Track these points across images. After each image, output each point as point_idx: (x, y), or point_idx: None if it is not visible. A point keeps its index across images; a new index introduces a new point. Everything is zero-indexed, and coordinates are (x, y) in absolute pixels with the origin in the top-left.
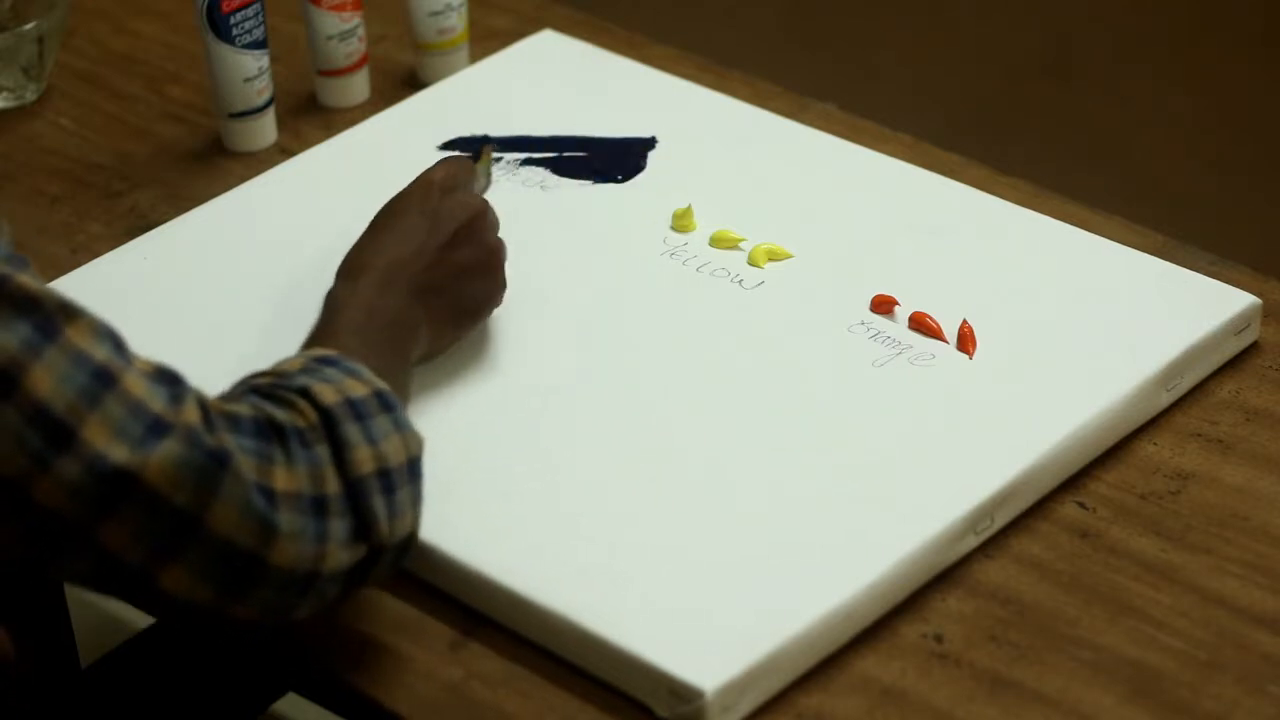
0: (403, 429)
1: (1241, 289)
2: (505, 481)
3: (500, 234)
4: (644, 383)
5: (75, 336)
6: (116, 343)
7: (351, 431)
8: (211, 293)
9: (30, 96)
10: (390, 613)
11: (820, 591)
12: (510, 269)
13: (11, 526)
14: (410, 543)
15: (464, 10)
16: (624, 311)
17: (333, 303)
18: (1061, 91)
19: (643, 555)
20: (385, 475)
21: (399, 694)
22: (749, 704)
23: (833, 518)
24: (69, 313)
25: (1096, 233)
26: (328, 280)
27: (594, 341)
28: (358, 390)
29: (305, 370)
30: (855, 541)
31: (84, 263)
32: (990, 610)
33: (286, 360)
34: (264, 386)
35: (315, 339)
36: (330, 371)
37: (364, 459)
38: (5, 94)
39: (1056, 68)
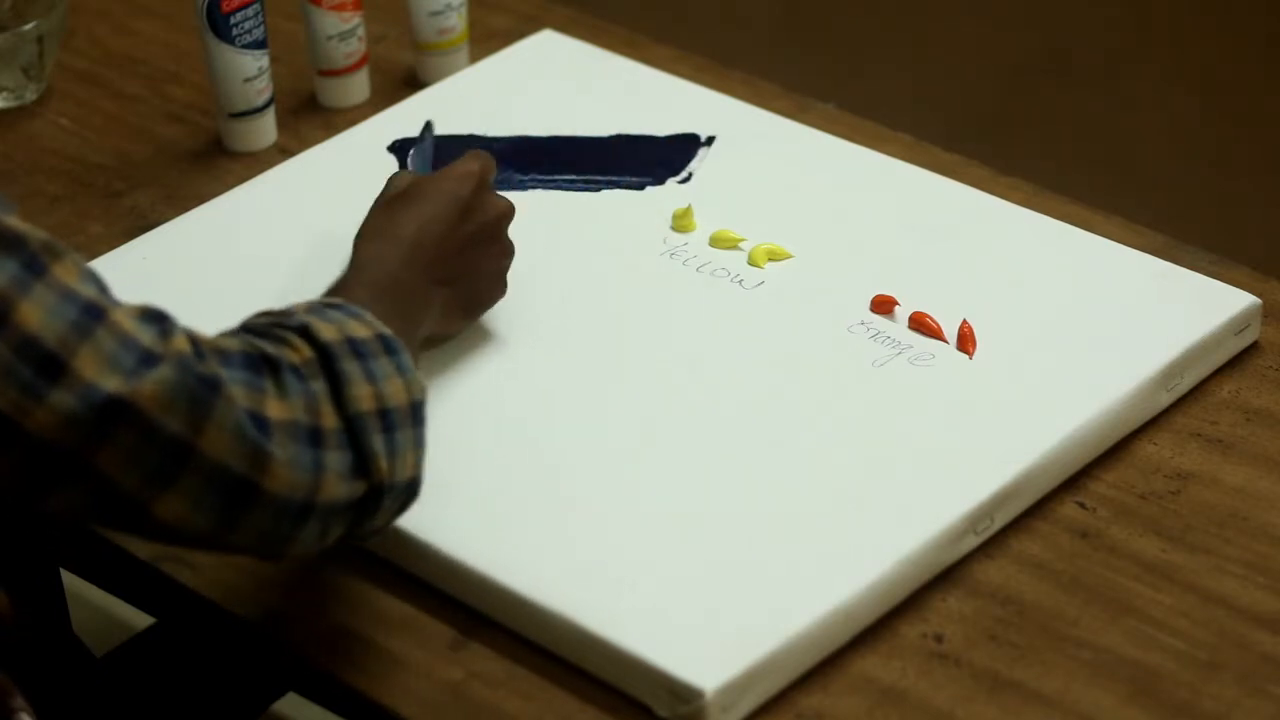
0: (405, 373)
1: (1241, 289)
2: (505, 481)
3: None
4: (644, 383)
5: (62, 274)
6: (101, 285)
7: (350, 368)
8: (211, 293)
9: (30, 96)
10: (390, 613)
11: (820, 591)
12: (512, 268)
13: (5, 459)
14: (414, 488)
15: (464, 10)
16: (624, 311)
17: (356, 261)
18: (1061, 91)
19: (643, 555)
20: (385, 414)
21: (399, 694)
22: (749, 704)
23: (833, 517)
24: (54, 251)
25: (1096, 233)
26: (328, 280)
27: (594, 341)
28: (360, 331)
29: (309, 310)
30: (855, 541)
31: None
32: (990, 610)
33: (295, 305)
34: (259, 326)
35: (332, 291)
36: (334, 314)
37: (363, 396)
38: (5, 94)
39: (1056, 68)
